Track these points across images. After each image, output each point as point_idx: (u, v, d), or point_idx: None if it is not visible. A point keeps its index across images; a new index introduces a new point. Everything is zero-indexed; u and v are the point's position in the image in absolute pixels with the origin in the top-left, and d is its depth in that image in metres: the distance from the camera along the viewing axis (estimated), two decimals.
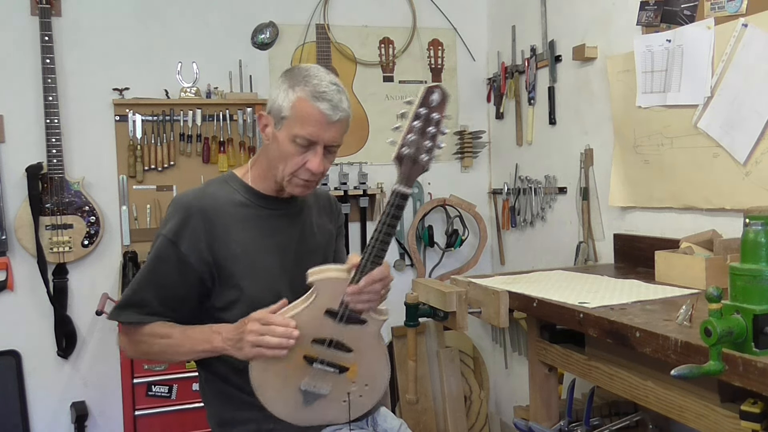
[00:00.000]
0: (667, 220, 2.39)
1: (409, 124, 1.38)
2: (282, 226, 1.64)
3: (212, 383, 1.63)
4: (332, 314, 1.47)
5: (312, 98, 1.50)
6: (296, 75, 1.55)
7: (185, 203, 1.57)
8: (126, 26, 3.16)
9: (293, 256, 1.64)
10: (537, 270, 2.56)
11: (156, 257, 1.56)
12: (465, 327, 1.82)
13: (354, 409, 1.56)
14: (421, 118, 1.38)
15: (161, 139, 3.16)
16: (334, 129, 1.53)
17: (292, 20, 3.38)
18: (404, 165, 1.39)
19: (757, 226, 1.26)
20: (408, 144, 1.38)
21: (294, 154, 1.53)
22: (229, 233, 1.57)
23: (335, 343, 1.49)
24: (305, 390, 1.51)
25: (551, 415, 2.19)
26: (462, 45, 3.63)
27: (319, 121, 1.50)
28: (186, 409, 2.85)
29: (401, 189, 1.40)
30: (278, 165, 1.56)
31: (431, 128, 1.38)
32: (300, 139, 1.51)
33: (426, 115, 1.38)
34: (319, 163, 1.53)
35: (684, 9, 2.24)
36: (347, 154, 3.43)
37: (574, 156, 2.89)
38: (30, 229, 2.96)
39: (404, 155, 1.38)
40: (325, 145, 1.53)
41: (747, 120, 2.01)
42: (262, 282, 1.57)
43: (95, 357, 3.13)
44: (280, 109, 1.53)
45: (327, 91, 1.52)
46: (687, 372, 1.24)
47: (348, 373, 1.51)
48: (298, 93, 1.51)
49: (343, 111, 1.54)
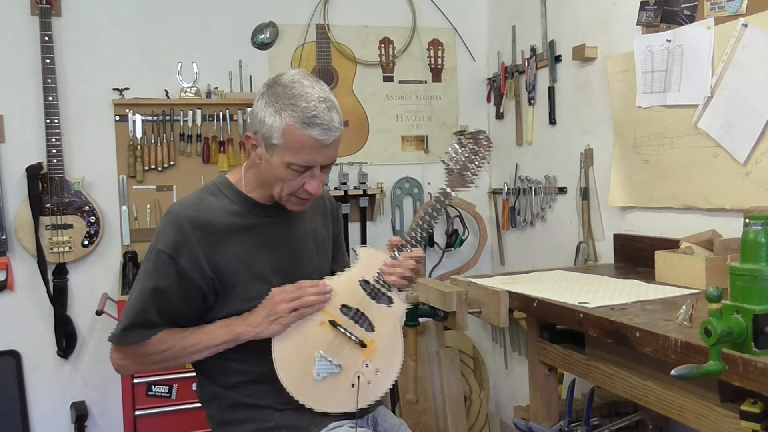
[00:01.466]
0: (667, 220, 2.39)
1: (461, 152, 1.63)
2: (278, 233, 1.63)
3: (209, 386, 1.62)
4: (365, 284, 1.58)
5: (302, 126, 1.45)
6: (281, 96, 1.48)
7: (180, 215, 1.53)
8: (126, 26, 3.16)
9: (290, 264, 1.63)
10: (537, 270, 2.56)
11: (155, 272, 1.51)
12: (465, 327, 1.82)
13: (361, 397, 1.56)
14: (469, 149, 1.63)
15: (161, 139, 3.16)
16: (329, 150, 1.51)
17: (292, 20, 3.38)
18: (452, 175, 1.63)
19: (757, 226, 1.26)
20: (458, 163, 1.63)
21: (290, 179, 1.51)
22: (227, 245, 1.54)
23: (361, 316, 1.57)
24: (321, 357, 1.53)
25: (551, 415, 2.19)
26: (462, 45, 3.63)
27: (313, 147, 1.48)
28: (186, 409, 2.85)
29: (449, 190, 1.62)
30: (274, 185, 1.55)
31: (477, 159, 1.63)
32: (295, 167, 1.50)
33: (473, 149, 1.63)
34: (318, 185, 1.54)
35: (684, 9, 2.24)
36: (347, 154, 3.43)
37: (574, 156, 2.89)
38: (30, 229, 2.96)
39: (453, 168, 1.63)
40: (321, 165, 1.54)
41: (747, 120, 2.01)
42: (264, 292, 1.56)
43: (95, 357, 3.13)
44: (269, 135, 1.48)
45: (317, 114, 1.46)
46: (687, 372, 1.24)
47: (365, 351, 1.56)
48: (287, 120, 1.46)
49: (336, 130, 1.49)
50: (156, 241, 1.53)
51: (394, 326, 1.60)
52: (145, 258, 1.56)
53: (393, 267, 1.57)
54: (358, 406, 1.55)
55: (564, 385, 2.47)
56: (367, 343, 1.56)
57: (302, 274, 1.62)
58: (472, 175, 1.62)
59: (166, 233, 1.52)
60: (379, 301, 1.58)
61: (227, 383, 1.59)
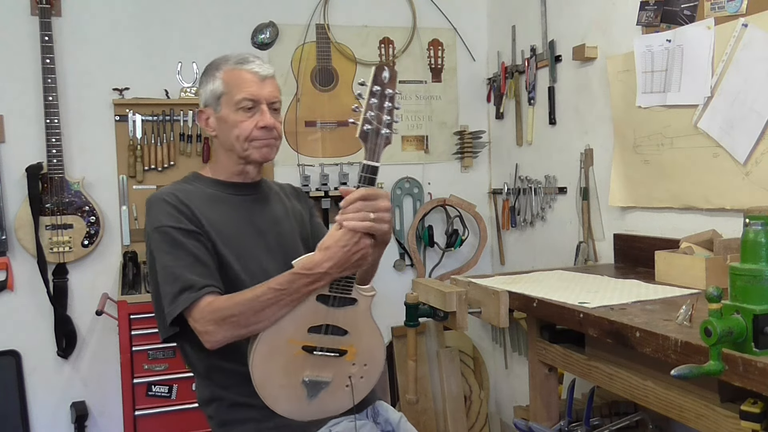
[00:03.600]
0: (667, 220, 2.39)
1: (367, 102, 1.46)
2: (256, 209, 1.70)
3: (208, 387, 1.63)
4: (324, 299, 1.51)
5: (238, 64, 1.65)
6: (214, 63, 1.69)
7: (163, 194, 1.61)
8: (126, 26, 3.16)
9: (273, 238, 1.69)
10: (537, 270, 2.56)
11: (167, 245, 1.53)
12: (465, 327, 1.82)
13: (357, 393, 1.58)
14: (377, 95, 1.45)
15: (161, 139, 3.16)
16: (269, 84, 1.66)
17: (292, 20, 3.38)
18: (369, 141, 1.46)
19: (757, 226, 1.26)
20: (369, 120, 1.45)
21: (243, 120, 1.62)
22: (211, 221, 1.60)
23: (331, 329, 1.52)
24: (308, 381, 1.52)
25: (551, 415, 2.19)
26: (462, 45, 3.63)
27: (253, 80, 1.64)
28: (186, 409, 2.84)
29: (370, 163, 1.48)
30: (233, 141, 1.64)
31: (387, 103, 1.46)
32: (243, 102, 1.62)
33: (380, 92, 1.45)
34: (269, 118, 1.64)
35: (684, 9, 2.24)
36: (347, 154, 3.43)
37: (574, 156, 2.89)
38: (30, 229, 2.95)
39: (368, 131, 1.45)
40: (267, 102, 1.65)
41: (747, 120, 2.01)
42: (252, 262, 1.61)
43: (95, 357, 3.13)
44: (214, 93, 1.65)
45: (247, 56, 1.68)
46: (687, 372, 1.24)
47: (347, 355, 1.55)
48: (223, 68, 1.66)
49: (270, 68, 1.69)
50: (151, 224, 1.58)
51: (365, 318, 1.56)
52: (149, 244, 1.59)
53: (351, 204, 1.45)
54: (354, 401, 1.57)
55: (564, 385, 2.47)
56: (347, 348, 1.54)
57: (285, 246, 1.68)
58: (389, 128, 1.46)
59: (156, 213, 1.58)
60: (343, 306, 1.52)
61: (225, 384, 1.59)
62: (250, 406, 1.55)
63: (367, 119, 1.45)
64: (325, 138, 3.42)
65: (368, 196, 1.46)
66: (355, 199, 1.45)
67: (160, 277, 1.53)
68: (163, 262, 1.53)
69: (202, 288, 1.49)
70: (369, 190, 1.47)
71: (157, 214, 1.57)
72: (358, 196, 1.45)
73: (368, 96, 1.45)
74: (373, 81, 1.45)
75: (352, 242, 1.44)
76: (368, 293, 1.56)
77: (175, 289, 1.49)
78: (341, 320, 1.53)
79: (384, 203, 1.48)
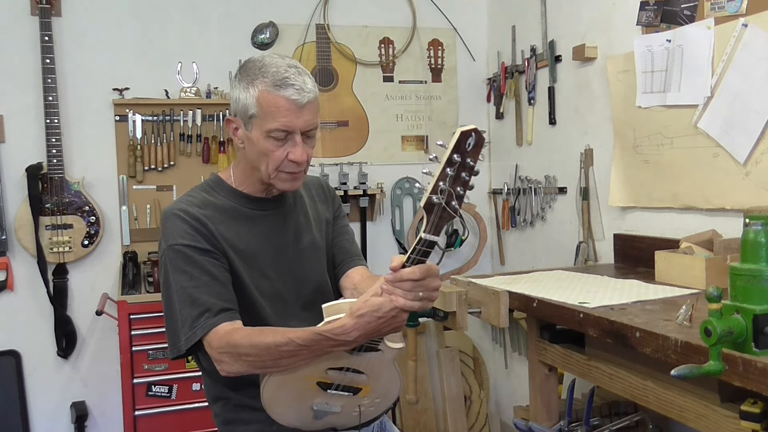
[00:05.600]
0: (667, 220, 2.39)
1: (441, 170, 1.23)
2: (276, 227, 1.62)
3: (216, 386, 1.62)
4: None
5: (275, 88, 1.46)
6: (251, 69, 1.50)
7: (177, 210, 1.52)
8: (126, 26, 3.16)
9: (292, 256, 1.62)
10: (537, 270, 2.56)
11: (182, 264, 1.47)
12: (465, 327, 1.82)
13: (364, 416, 1.55)
14: (455, 165, 1.22)
15: (161, 139, 3.16)
16: (306, 113, 1.48)
17: (292, 20, 3.38)
18: (434, 214, 1.25)
19: (757, 226, 1.26)
20: (439, 192, 1.24)
21: (273, 150, 1.49)
22: (227, 239, 1.54)
23: (351, 370, 1.45)
24: (317, 409, 1.49)
25: (551, 415, 2.19)
26: (462, 45, 3.63)
27: (289, 109, 1.46)
28: (186, 409, 2.83)
29: (428, 237, 1.28)
30: (260, 165, 1.52)
31: (464, 175, 1.24)
32: (275, 133, 1.47)
33: (460, 162, 1.22)
34: (302, 152, 1.49)
35: (684, 9, 2.24)
36: (347, 154, 3.43)
37: (574, 156, 2.89)
38: (30, 229, 2.96)
39: (435, 203, 1.24)
40: (302, 131, 1.49)
41: (747, 120, 2.01)
42: (265, 285, 1.55)
43: (95, 357, 3.13)
44: (246, 109, 1.49)
45: (288, 76, 1.46)
46: (687, 372, 1.24)
47: (361, 392, 1.49)
48: (259, 87, 1.47)
49: (310, 92, 1.48)
50: (166, 241, 1.51)
51: (388, 367, 1.48)
52: (163, 263, 1.52)
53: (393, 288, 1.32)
54: (360, 421, 1.54)
55: (564, 385, 2.47)
56: (362, 387, 1.48)
57: (304, 263, 1.61)
58: (459, 201, 1.25)
59: (170, 230, 1.51)
60: (366, 352, 1.42)
61: (233, 385, 1.58)
62: (256, 408, 1.54)
63: (438, 189, 1.23)
64: (325, 138, 3.42)
65: (424, 276, 1.31)
66: (410, 279, 1.30)
67: (176, 298, 1.48)
68: (179, 282, 1.48)
69: (219, 313, 1.44)
70: (425, 269, 1.30)
71: (171, 231, 1.51)
72: (415, 278, 1.29)
73: (444, 164, 1.22)
74: (454, 148, 1.21)
75: (390, 315, 1.32)
76: (396, 345, 1.47)
77: (194, 313, 1.44)
78: (363, 365, 1.45)
79: (436, 283, 1.33)
